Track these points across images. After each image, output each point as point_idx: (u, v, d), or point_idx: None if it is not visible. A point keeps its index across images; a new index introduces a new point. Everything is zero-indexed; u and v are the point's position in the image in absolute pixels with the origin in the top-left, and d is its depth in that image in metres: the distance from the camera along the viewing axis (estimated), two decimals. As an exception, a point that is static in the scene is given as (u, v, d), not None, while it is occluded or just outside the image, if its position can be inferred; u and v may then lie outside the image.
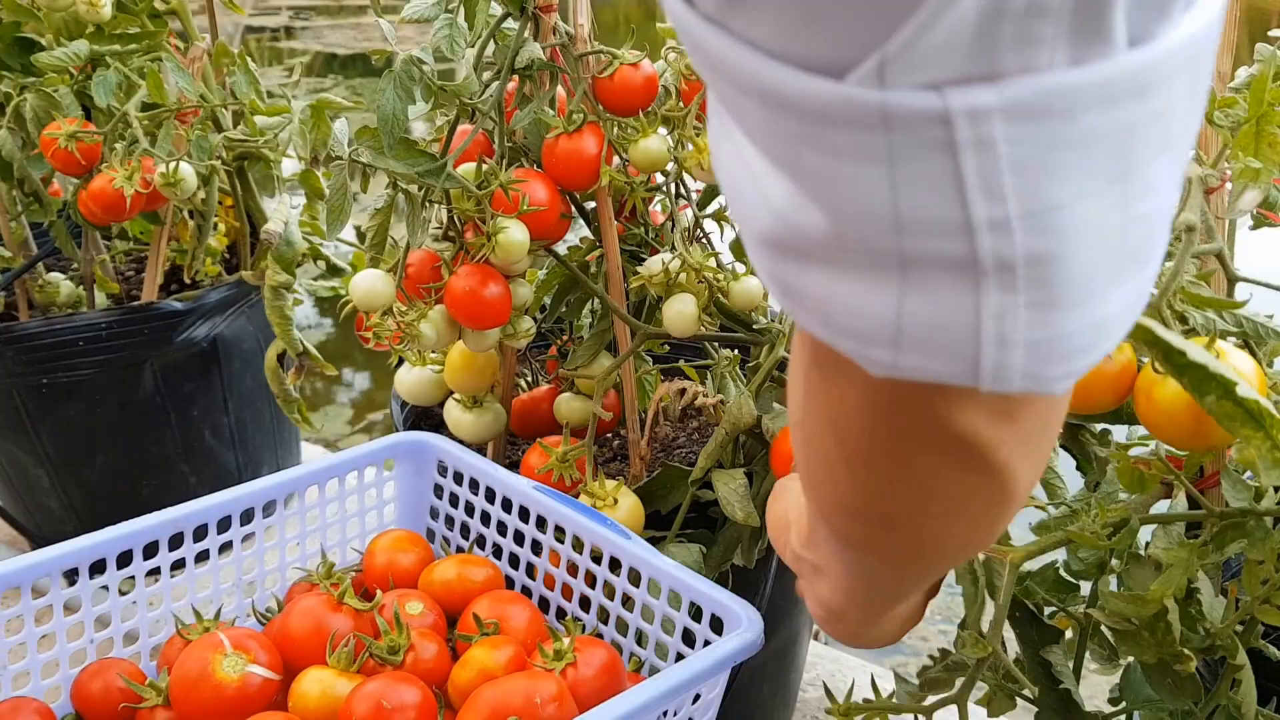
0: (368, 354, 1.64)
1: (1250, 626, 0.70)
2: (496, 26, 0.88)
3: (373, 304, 0.88)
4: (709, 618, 0.75)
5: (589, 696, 0.71)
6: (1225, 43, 0.75)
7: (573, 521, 0.84)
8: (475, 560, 0.89)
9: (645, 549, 0.79)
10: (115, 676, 0.78)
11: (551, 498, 0.85)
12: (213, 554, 0.87)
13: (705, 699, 0.73)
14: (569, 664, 0.73)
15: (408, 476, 0.97)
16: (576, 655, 0.74)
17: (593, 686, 0.72)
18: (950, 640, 0.81)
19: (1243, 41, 0.78)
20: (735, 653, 0.70)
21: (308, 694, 0.73)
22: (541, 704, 0.68)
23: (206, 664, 0.73)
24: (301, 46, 7.78)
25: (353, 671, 0.74)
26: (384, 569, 0.88)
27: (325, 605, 0.78)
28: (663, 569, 0.78)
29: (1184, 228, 0.59)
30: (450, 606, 0.85)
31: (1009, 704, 0.72)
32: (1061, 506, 0.76)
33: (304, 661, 0.76)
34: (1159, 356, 0.53)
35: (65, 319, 1.31)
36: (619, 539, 0.80)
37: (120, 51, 1.28)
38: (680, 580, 0.77)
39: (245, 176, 1.37)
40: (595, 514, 0.83)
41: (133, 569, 0.83)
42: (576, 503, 0.85)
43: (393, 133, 0.83)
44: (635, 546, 0.80)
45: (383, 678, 0.72)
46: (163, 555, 0.84)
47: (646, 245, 0.99)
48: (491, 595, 0.84)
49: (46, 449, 1.37)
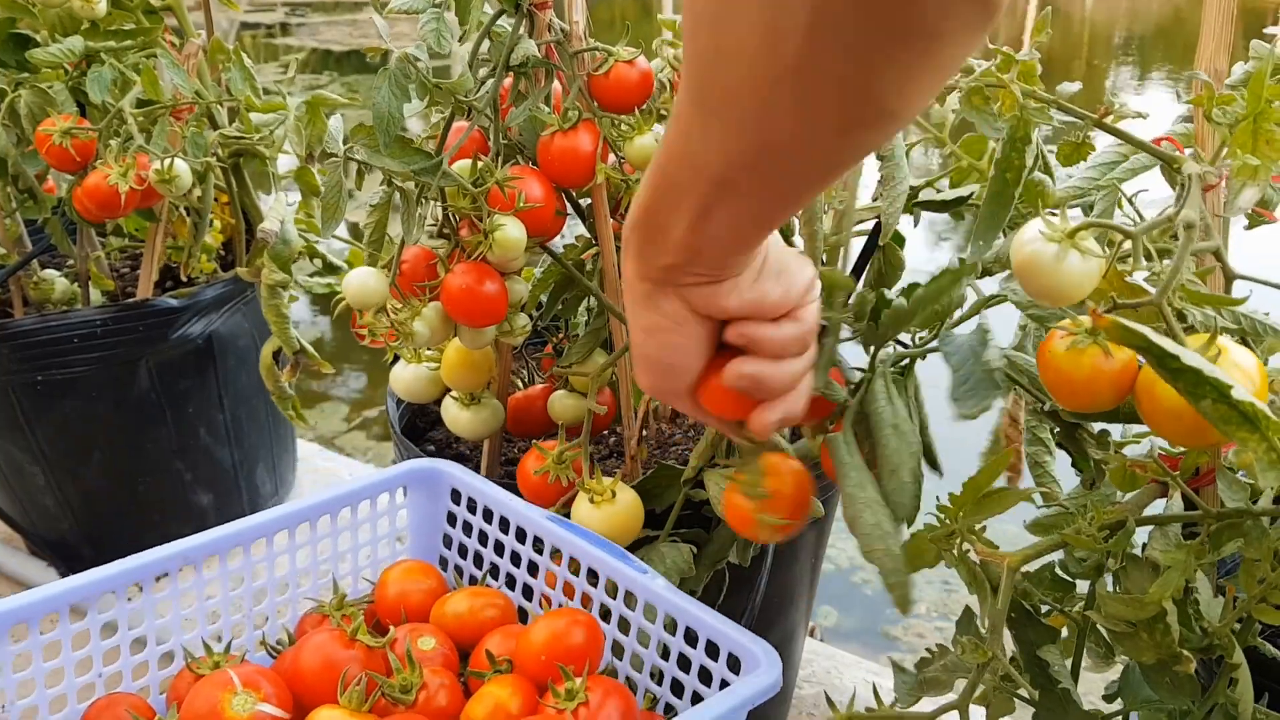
0: (364, 351, 1.64)
1: (1247, 625, 0.70)
2: (491, 23, 0.88)
3: (366, 301, 0.88)
4: (725, 656, 0.74)
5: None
6: (1221, 40, 0.75)
7: (588, 554, 0.82)
8: (487, 593, 0.88)
9: (662, 584, 0.78)
10: (124, 712, 0.76)
11: (566, 529, 0.84)
12: (224, 584, 0.86)
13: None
14: (581, 703, 0.71)
15: (421, 504, 0.95)
16: (589, 695, 0.72)
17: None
18: (946, 637, 0.81)
19: (1238, 39, 0.78)
20: (754, 695, 0.68)
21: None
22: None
23: (216, 702, 0.71)
24: (297, 43, 7.77)
25: (364, 711, 0.73)
26: (396, 600, 0.87)
27: (337, 641, 0.76)
28: (679, 605, 0.76)
29: (1183, 225, 0.59)
30: (462, 640, 0.83)
31: (1008, 706, 0.72)
32: (1056, 506, 0.76)
33: (315, 699, 0.74)
34: (1154, 362, 0.52)
35: (60, 316, 1.30)
36: (634, 573, 0.79)
37: (115, 48, 1.27)
38: (697, 618, 0.75)
39: (241, 173, 1.37)
40: (609, 545, 0.82)
41: (142, 601, 0.82)
42: (590, 534, 0.83)
43: (388, 131, 0.83)
44: (651, 581, 0.78)
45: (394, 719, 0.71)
46: (173, 587, 0.83)
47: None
48: (504, 630, 0.83)
49: (42, 446, 1.37)
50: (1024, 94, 0.73)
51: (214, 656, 0.80)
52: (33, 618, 0.77)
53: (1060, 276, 0.60)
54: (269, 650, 0.87)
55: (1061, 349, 0.61)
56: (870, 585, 1.92)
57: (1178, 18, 8.75)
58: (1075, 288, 0.60)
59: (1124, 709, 0.75)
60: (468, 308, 0.87)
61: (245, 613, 0.89)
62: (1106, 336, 0.58)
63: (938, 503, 0.67)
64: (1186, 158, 0.66)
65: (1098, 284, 0.61)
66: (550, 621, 0.79)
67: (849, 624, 1.85)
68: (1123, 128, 0.77)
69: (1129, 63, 7.44)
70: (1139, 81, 6.50)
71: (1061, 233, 0.60)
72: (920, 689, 0.76)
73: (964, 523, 0.67)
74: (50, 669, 0.79)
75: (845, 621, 1.86)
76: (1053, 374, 0.62)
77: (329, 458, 1.88)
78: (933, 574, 1.93)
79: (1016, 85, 0.73)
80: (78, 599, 0.79)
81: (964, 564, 0.67)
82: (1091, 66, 7.00)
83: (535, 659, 0.76)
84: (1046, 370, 0.63)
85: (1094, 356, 0.60)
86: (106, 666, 0.82)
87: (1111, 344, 0.60)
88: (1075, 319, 0.63)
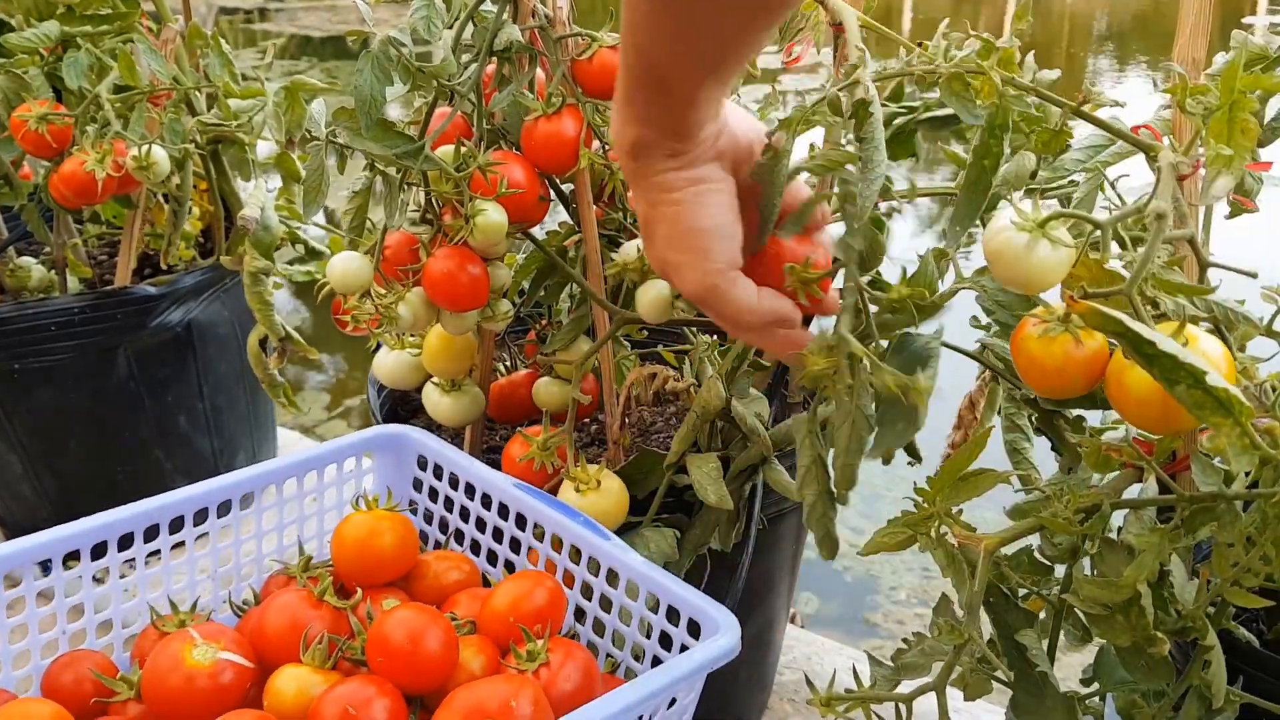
0: (343, 339, 1.63)
1: (1221, 609, 0.71)
2: (475, 8, 0.87)
3: (350, 285, 0.88)
4: (686, 621, 0.75)
5: (563, 700, 0.70)
6: (1199, 29, 0.75)
7: (551, 520, 0.83)
8: (453, 557, 0.89)
9: (623, 550, 0.79)
10: (86, 669, 0.77)
11: (531, 495, 0.85)
12: (189, 545, 0.86)
13: (681, 703, 0.73)
14: (542, 664, 0.72)
15: (387, 470, 0.96)
16: (550, 656, 0.73)
17: (566, 689, 0.71)
18: (925, 624, 0.81)
19: (1217, 29, 0.79)
20: (712, 659, 0.69)
21: (283, 691, 0.72)
22: (517, 707, 0.66)
23: (177, 654, 0.72)
24: (276, 29, 7.70)
25: (328, 669, 0.74)
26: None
27: (303, 601, 0.77)
28: (640, 571, 0.77)
29: (1154, 215, 0.60)
30: (428, 603, 0.83)
31: (985, 687, 0.73)
32: (1035, 492, 0.77)
33: (279, 658, 0.74)
34: (1129, 347, 0.53)
35: (37, 304, 1.29)
36: (597, 539, 0.80)
37: (92, 33, 1.26)
38: (657, 583, 0.76)
39: (219, 160, 1.36)
40: (574, 513, 0.83)
41: (107, 560, 0.82)
42: (556, 501, 0.84)
43: (370, 114, 0.83)
44: (613, 547, 0.79)
45: (354, 681, 0.71)
46: (138, 546, 0.83)
47: (624, 230, 0.99)
48: (469, 593, 0.84)
49: (19, 435, 1.36)
50: (1003, 81, 0.73)
51: (179, 615, 0.80)
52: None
53: (1030, 265, 0.61)
54: (235, 610, 0.88)
55: (1034, 335, 0.62)
56: (851, 573, 1.94)
57: (1157, 7, 8.79)
58: (1045, 276, 0.61)
59: (1099, 690, 0.76)
60: (449, 292, 0.87)
61: (211, 574, 0.89)
62: (1083, 322, 0.59)
63: (915, 486, 0.68)
64: (1164, 146, 0.67)
65: (1071, 271, 0.61)
66: (514, 584, 0.80)
67: (830, 610, 1.86)
68: (1101, 116, 0.78)
69: (1108, 52, 7.47)
70: (1118, 70, 6.54)
71: (1032, 222, 0.61)
72: (897, 674, 0.77)
73: (942, 506, 0.67)
74: (13, 625, 0.79)
75: (826, 608, 1.87)
76: (1025, 359, 0.63)
77: (309, 446, 1.88)
78: (912, 560, 1.94)
79: (996, 72, 0.73)
80: (42, 555, 0.79)
81: (942, 547, 0.68)
82: (1070, 55, 7.03)
83: (499, 621, 0.77)
84: (1019, 356, 0.64)
85: (1066, 343, 0.61)
86: (70, 624, 0.82)
87: (1083, 331, 0.61)
88: (1048, 306, 0.63)
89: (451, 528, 0.93)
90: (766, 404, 0.91)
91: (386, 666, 0.72)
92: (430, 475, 0.94)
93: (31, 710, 0.69)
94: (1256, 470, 0.62)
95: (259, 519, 0.91)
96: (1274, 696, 0.72)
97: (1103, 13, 9.06)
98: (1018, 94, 0.74)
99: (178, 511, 0.85)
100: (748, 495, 0.89)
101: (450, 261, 0.86)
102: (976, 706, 1.19)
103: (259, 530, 0.92)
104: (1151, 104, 0.86)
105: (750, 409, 0.88)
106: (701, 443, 0.90)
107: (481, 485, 0.89)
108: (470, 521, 0.91)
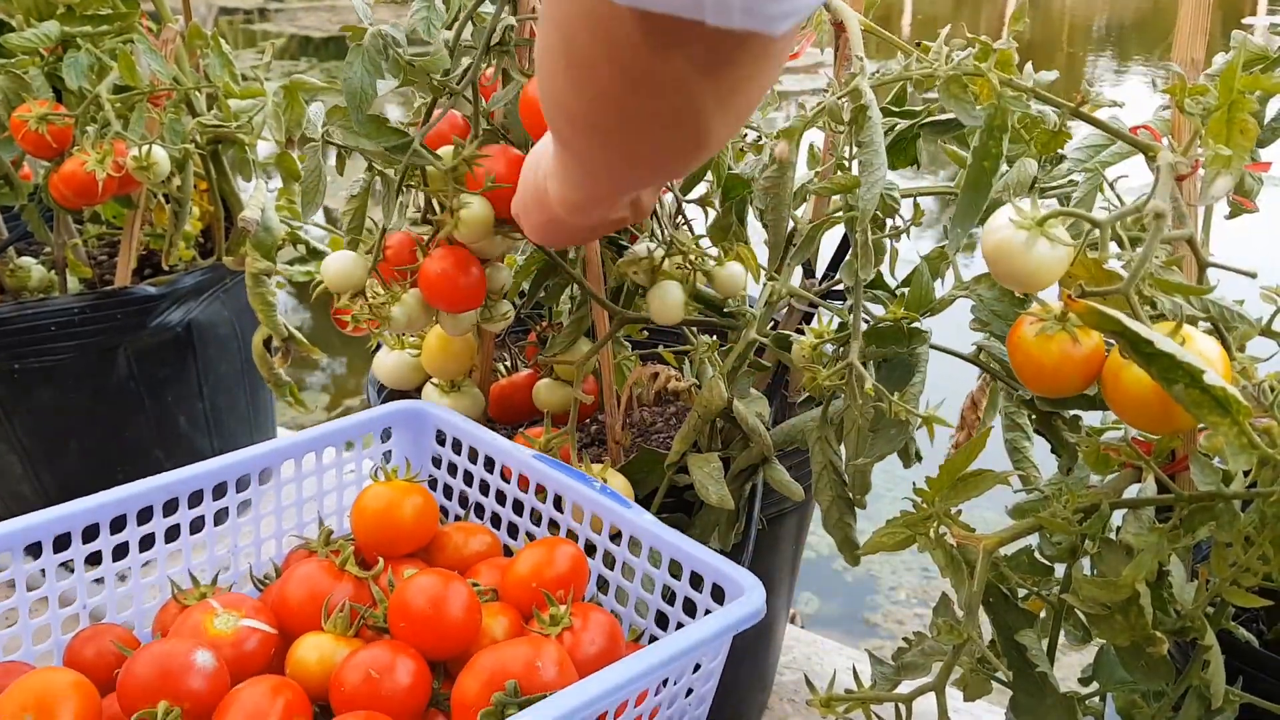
0: (343, 340, 1.63)
1: (1220, 608, 0.71)
2: (475, 8, 0.87)
3: (345, 285, 0.88)
4: (710, 587, 0.74)
5: (587, 663, 0.70)
6: (1198, 29, 0.75)
7: (572, 490, 0.83)
8: (474, 528, 0.89)
9: (645, 517, 0.78)
10: (108, 641, 0.76)
11: (551, 466, 0.85)
12: (208, 521, 0.86)
13: (706, 668, 0.72)
14: (566, 628, 0.72)
15: (405, 445, 0.95)
16: (574, 621, 0.73)
17: (590, 653, 0.71)
18: (925, 624, 0.81)
19: (1217, 29, 0.79)
20: (738, 621, 0.68)
21: (305, 659, 0.72)
22: (542, 668, 0.66)
23: (199, 624, 0.72)
24: (276, 29, 7.70)
25: (350, 636, 0.74)
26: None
27: (324, 571, 0.77)
28: (663, 538, 0.77)
29: (1153, 214, 0.60)
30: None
31: (985, 687, 0.73)
32: (1034, 491, 0.77)
33: (301, 628, 0.74)
34: (1127, 346, 0.53)
35: (37, 304, 1.29)
36: (619, 507, 0.80)
37: (92, 33, 1.26)
38: (681, 549, 0.75)
39: (220, 160, 1.36)
40: (594, 481, 0.82)
41: (127, 534, 0.82)
42: (576, 471, 0.84)
43: (360, 107, 0.82)
44: (635, 515, 0.79)
45: (377, 646, 0.71)
46: (157, 521, 0.83)
47: (625, 231, 0.99)
48: (490, 562, 0.84)
49: (19, 435, 1.36)
50: (1001, 83, 0.73)
51: (200, 588, 0.80)
52: (16, 546, 0.77)
53: (1029, 263, 0.61)
54: (256, 584, 0.88)
55: (1031, 335, 0.62)
56: (851, 573, 1.94)
57: (1156, 7, 8.79)
58: (1044, 274, 0.61)
59: (1099, 690, 0.76)
60: (444, 292, 0.87)
61: (231, 548, 0.89)
62: (1081, 321, 0.59)
63: (914, 487, 0.68)
64: (1163, 146, 0.67)
65: (1069, 270, 0.62)
66: (535, 551, 0.79)
67: (830, 611, 1.86)
68: (1100, 117, 0.78)
69: (1108, 53, 7.47)
70: (1117, 71, 6.53)
71: (1031, 220, 0.61)
72: (898, 674, 0.77)
73: (941, 506, 0.67)
74: (35, 598, 0.79)
75: (826, 608, 1.87)
76: (1021, 358, 0.63)
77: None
78: (912, 561, 1.94)
79: (994, 74, 0.73)
80: (61, 530, 0.78)
81: (941, 547, 0.68)
82: (1070, 55, 7.03)
83: (521, 587, 0.77)
84: (1016, 354, 0.64)
85: (1062, 342, 0.61)
86: (91, 599, 0.82)
87: (1079, 330, 0.61)
88: (1045, 304, 0.64)
89: (471, 502, 0.92)
90: (767, 404, 0.91)
91: (409, 632, 0.72)
92: (449, 450, 0.94)
93: (54, 679, 0.68)
94: (1255, 470, 0.62)
95: (278, 494, 0.91)
96: (1273, 696, 0.72)
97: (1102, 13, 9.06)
98: (1016, 95, 0.74)
99: (197, 485, 0.84)
100: (748, 495, 0.89)
101: (445, 261, 0.86)
102: (976, 706, 1.19)
103: (278, 506, 0.91)
104: (1151, 104, 0.86)
105: (751, 409, 0.88)
106: (702, 443, 0.90)
107: (501, 457, 0.88)
108: (490, 495, 0.91)
